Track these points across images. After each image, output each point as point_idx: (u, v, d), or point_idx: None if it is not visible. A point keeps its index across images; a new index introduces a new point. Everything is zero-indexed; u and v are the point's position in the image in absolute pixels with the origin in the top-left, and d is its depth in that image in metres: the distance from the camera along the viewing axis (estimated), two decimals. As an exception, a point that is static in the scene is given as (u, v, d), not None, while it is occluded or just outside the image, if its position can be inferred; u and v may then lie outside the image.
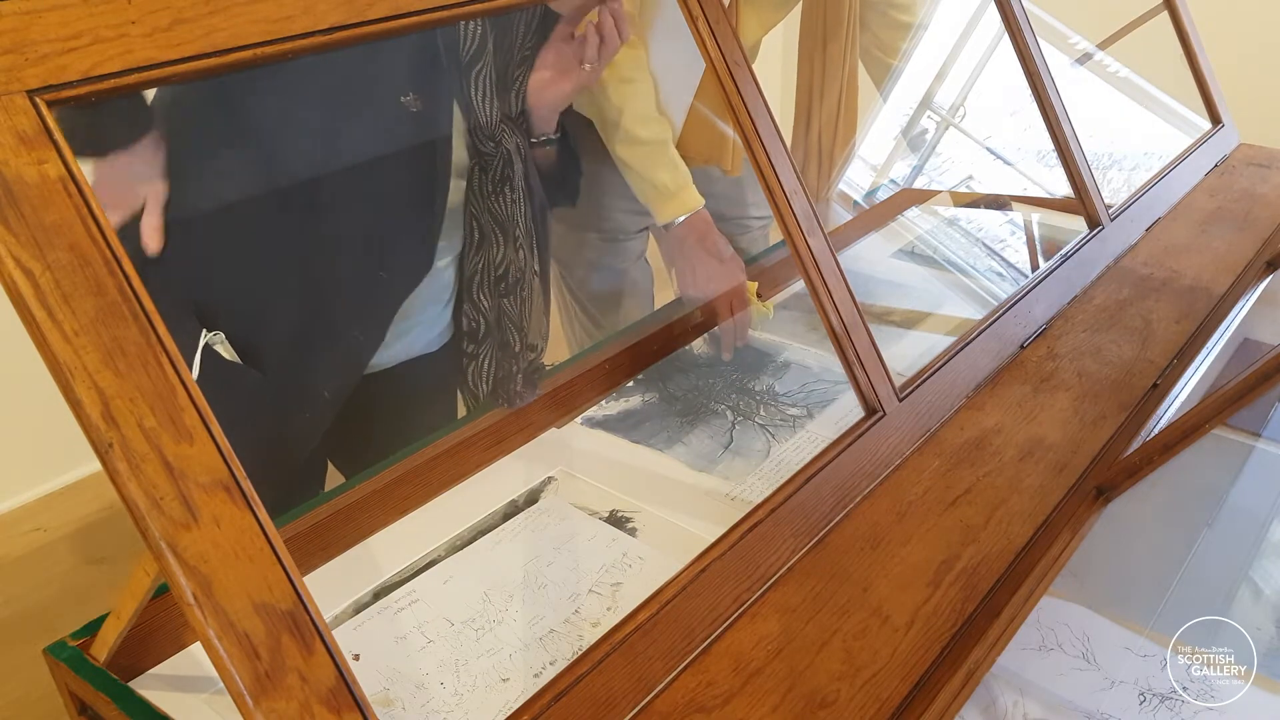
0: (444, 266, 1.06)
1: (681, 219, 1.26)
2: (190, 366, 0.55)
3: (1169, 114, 1.75)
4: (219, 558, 0.49)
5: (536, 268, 1.07)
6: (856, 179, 1.67)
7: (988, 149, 1.74)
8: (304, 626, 0.51)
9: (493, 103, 0.97)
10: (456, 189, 1.01)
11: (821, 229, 0.93)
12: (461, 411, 1.14)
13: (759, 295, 1.28)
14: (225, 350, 0.94)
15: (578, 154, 1.14)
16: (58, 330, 0.48)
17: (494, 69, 0.97)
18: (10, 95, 0.48)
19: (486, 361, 1.06)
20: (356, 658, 0.76)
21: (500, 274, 1.04)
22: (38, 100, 0.49)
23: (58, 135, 0.50)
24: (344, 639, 0.77)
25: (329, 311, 0.98)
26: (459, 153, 0.99)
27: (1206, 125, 1.68)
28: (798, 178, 0.92)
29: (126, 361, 0.49)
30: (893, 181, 1.68)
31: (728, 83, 0.90)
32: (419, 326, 1.09)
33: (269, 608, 0.50)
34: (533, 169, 1.05)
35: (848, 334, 0.92)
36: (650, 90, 1.26)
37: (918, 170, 1.71)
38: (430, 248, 1.01)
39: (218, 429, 0.51)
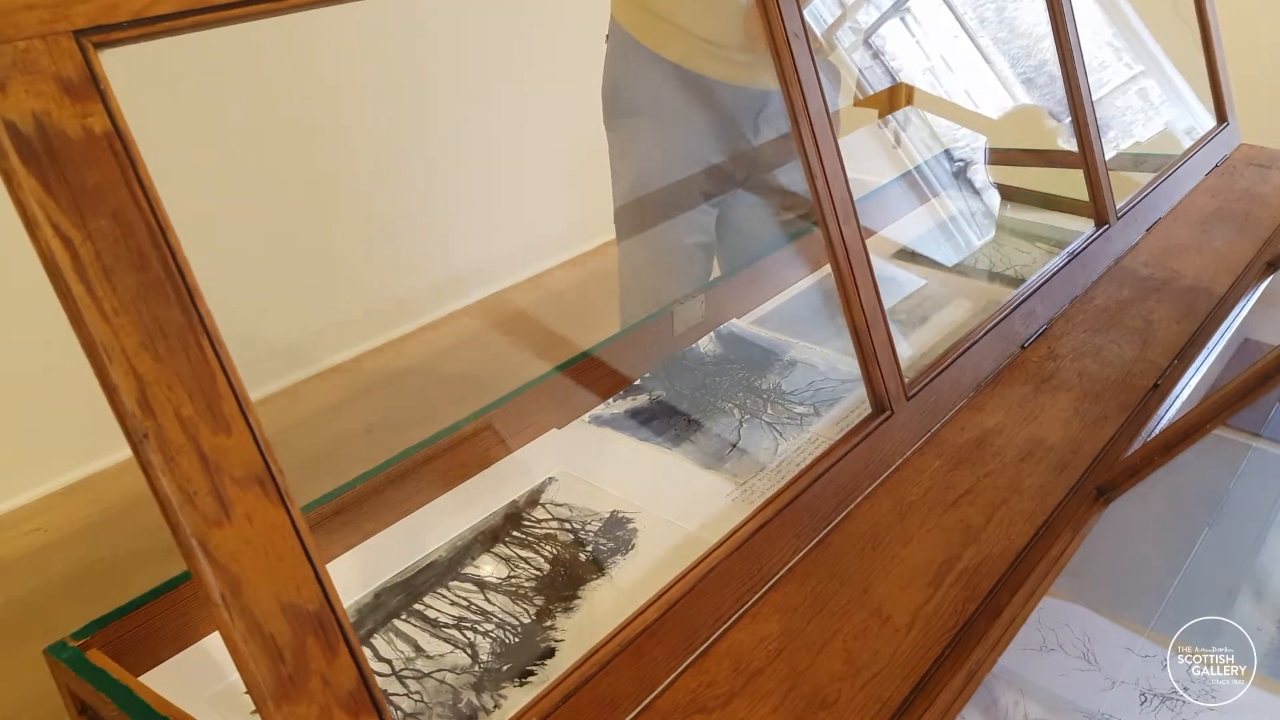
0: None
1: None
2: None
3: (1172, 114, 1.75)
4: (249, 556, 0.46)
5: None
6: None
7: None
8: (329, 628, 0.49)
9: None
10: None
11: (856, 218, 0.91)
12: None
13: None
14: None
15: None
16: (96, 307, 0.42)
17: None
18: (55, 36, 0.42)
19: None
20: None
21: None
22: (84, 43, 0.43)
23: (105, 84, 0.43)
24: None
25: None
26: None
27: (1209, 124, 1.67)
28: (840, 161, 0.90)
29: (167, 344, 0.44)
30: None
31: (785, 54, 0.86)
32: None
33: (296, 608, 0.48)
34: None
35: (868, 328, 0.91)
36: None
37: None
38: None
39: (255, 418, 0.47)
